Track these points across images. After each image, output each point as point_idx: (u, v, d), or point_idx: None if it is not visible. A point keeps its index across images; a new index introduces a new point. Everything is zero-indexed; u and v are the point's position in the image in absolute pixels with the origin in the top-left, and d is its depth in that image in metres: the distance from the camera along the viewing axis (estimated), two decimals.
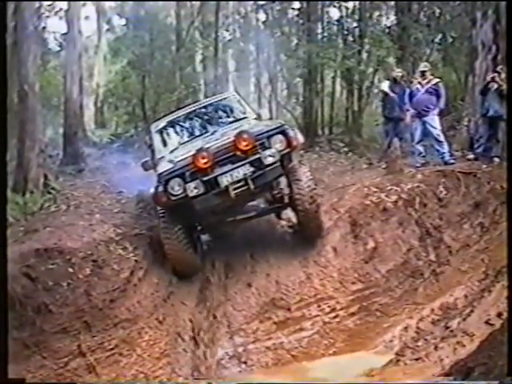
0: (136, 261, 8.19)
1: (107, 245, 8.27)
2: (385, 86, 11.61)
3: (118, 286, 7.80)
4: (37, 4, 15.25)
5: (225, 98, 9.63)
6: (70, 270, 7.72)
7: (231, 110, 9.36)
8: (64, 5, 18.99)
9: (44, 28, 22.65)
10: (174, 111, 10.15)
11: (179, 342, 7.42)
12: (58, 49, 22.99)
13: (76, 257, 7.88)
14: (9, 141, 13.97)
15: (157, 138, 9.00)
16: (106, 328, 7.34)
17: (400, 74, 11.61)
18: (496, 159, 9.95)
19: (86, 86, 22.43)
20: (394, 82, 11.42)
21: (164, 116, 10.03)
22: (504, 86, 9.93)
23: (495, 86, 10.05)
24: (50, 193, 10.88)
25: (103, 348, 7.14)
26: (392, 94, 11.36)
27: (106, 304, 7.54)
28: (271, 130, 7.58)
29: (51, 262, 7.74)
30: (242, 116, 9.03)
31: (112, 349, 7.16)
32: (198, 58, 22.34)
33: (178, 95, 19.22)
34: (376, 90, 13.44)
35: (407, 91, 10.81)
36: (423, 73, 10.65)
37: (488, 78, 10.29)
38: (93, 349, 7.09)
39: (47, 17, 22.39)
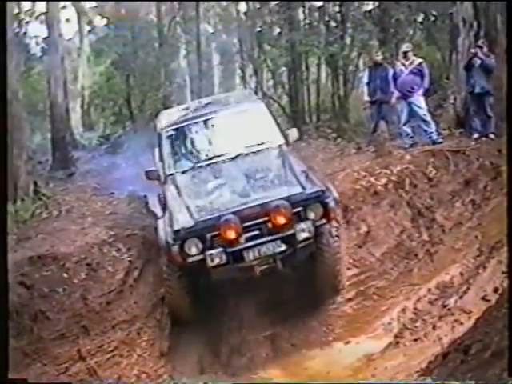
0: (130, 261, 8.19)
1: (100, 247, 8.27)
2: (364, 75, 11.57)
3: (113, 287, 7.80)
4: (16, 9, 15.14)
5: (250, 109, 8.24)
6: (65, 275, 7.73)
7: (257, 129, 8.02)
8: (43, 8, 18.83)
9: (25, 33, 22.51)
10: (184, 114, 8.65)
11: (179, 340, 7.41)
12: (41, 54, 22.81)
13: (70, 262, 7.89)
14: None
15: (167, 147, 7.90)
16: (104, 331, 7.34)
17: (380, 57, 11.56)
18: (491, 135, 9.95)
19: (71, 90, 22.29)
20: (375, 65, 11.37)
21: (170, 110, 9.83)
22: (487, 61, 9.94)
23: (478, 61, 10.04)
24: (40, 199, 10.85)
25: (103, 351, 7.13)
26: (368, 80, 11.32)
27: (103, 307, 7.55)
28: (310, 197, 6.43)
29: (45, 268, 7.75)
30: (269, 140, 7.75)
31: (112, 351, 7.15)
32: (182, 53, 22.31)
33: (163, 92, 19.17)
34: (361, 75, 13.41)
35: (390, 73, 10.79)
36: (405, 54, 10.62)
37: (470, 54, 10.27)
38: (93, 352, 7.09)
39: (27, 22, 22.25)
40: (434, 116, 10.88)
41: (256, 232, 6.30)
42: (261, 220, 6.27)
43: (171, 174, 7.51)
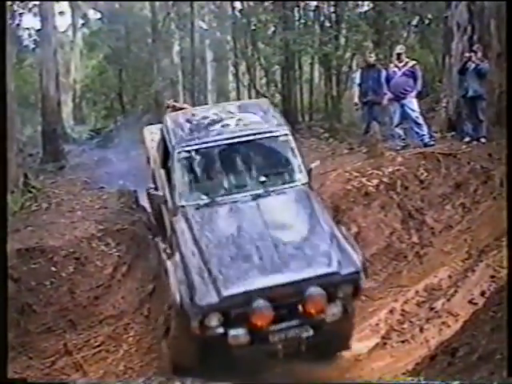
0: (119, 256, 8.16)
1: (89, 241, 8.24)
2: (356, 76, 11.56)
3: (101, 282, 7.78)
4: (9, 2, 15.02)
5: (277, 137, 7.05)
6: (53, 268, 7.69)
7: (279, 161, 7.07)
8: (37, 0, 18.74)
9: (18, 25, 22.36)
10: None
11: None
12: (33, 46, 22.68)
13: (58, 255, 7.85)
14: None
15: (179, 172, 6.72)
16: (91, 325, 7.32)
17: (373, 58, 11.56)
18: (483, 139, 10.00)
19: (63, 83, 22.16)
20: (368, 66, 11.38)
21: (180, 117, 7.58)
22: (481, 65, 9.98)
23: (473, 65, 10.08)
24: (30, 192, 10.78)
25: (89, 345, 7.11)
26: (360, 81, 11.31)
27: (91, 301, 7.53)
28: (345, 279, 5.79)
29: (33, 261, 7.71)
30: (294, 178, 6.87)
31: (98, 346, 7.13)
32: (175, 49, 22.24)
33: (155, 88, 19.13)
34: (354, 75, 13.44)
35: (383, 74, 10.79)
36: (399, 55, 10.63)
37: (465, 58, 10.31)
38: (79, 347, 7.07)
39: (21, 14, 22.08)
40: (426, 119, 10.89)
41: (284, 311, 5.67)
42: (291, 301, 5.65)
43: (183, 206, 6.48)
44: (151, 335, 7.33)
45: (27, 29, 23.10)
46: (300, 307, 5.59)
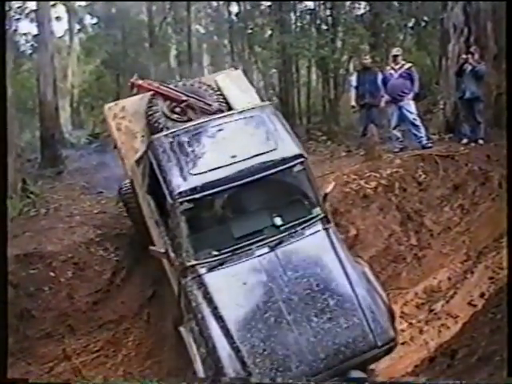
0: (118, 261, 8.14)
1: (88, 246, 8.22)
2: (353, 79, 11.55)
3: (100, 287, 7.76)
4: (6, 7, 15.03)
5: (292, 167, 6.05)
6: (52, 274, 7.68)
7: (295, 197, 6.29)
8: (34, 5, 18.74)
9: (15, 31, 22.37)
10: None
11: (166, 341, 7.38)
12: (30, 51, 22.71)
13: (57, 260, 7.84)
14: None
15: (184, 227, 5.75)
16: (90, 330, 7.33)
17: (369, 61, 11.56)
18: (480, 141, 10.02)
19: (61, 88, 22.18)
20: (364, 68, 11.38)
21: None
22: (478, 67, 10.00)
23: (470, 67, 10.09)
24: (28, 197, 10.76)
25: (88, 351, 7.12)
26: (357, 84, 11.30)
27: (90, 306, 7.52)
28: (381, 351, 5.39)
29: (32, 267, 7.70)
30: (313, 214, 6.07)
31: (98, 351, 7.15)
32: (172, 53, 22.27)
33: None
34: (350, 78, 13.46)
35: (379, 77, 10.79)
36: (395, 57, 10.63)
37: (462, 60, 10.33)
38: (78, 352, 7.09)
39: (17, 19, 22.10)
40: (423, 121, 10.91)
41: None
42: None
43: (192, 266, 5.65)
44: (151, 340, 7.33)
45: (24, 34, 23.14)
46: None
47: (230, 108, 7.72)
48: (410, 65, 10.61)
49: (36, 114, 18.20)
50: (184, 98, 7.83)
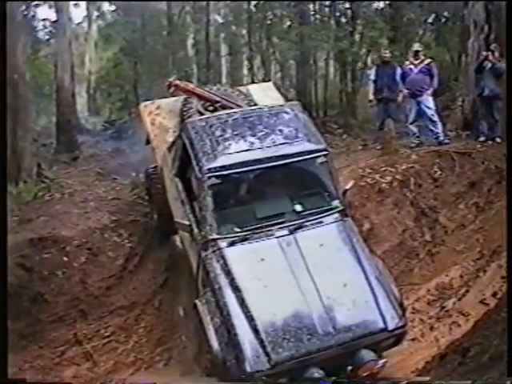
0: (131, 247, 8.19)
1: (102, 232, 8.28)
2: (371, 73, 11.47)
3: (113, 273, 7.82)
4: None
5: (315, 158, 6.38)
6: (65, 258, 7.74)
7: (316, 186, 6.50)
8: None
9: (33, 16, 22.43)
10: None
11: (177, 328, 7.42)
12: (48, 37, 22.74)
13: (71, 245, 7.89)
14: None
15: (209, 201, 5.96)
16: (102, 315, 7.38)
17: (388, 55, 11.47)
18: (498, 139, 9.94)
19: (78, 74, 22.28)
20: (383, 62, 11.30)
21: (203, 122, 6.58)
22: (498, 65, 9.90)
23: (489, 64, 10.00)
24: (43, 182, 10.82)
25: (100, 336, 7.17)
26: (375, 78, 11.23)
27: (102, 291, 7.58)
28: (392, 335, 5.56)
29: (46, 251, 7.75)
30: (332, 206, 6.30)
31: (109, 336, 7.19)
32: (190, 42, 22.24)
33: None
34: (369, 72, 13.37)
35: (398, 71, 10.73)
36: (416, 53, 10.57)
37: (482, 57, 10.24)
38: (89, 337, 7.14)
39: (36, 5, 22.15)
40: (441, 117, 10.83)
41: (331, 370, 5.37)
42: (339, 361, 5.38)
43: (214, 240, 5.87)
44: (162, 327, 7.37)
45: (43, 20, 23.17)
46: (349, 368, 5.34)
47: None
48: (429, 60, 10.55)
49: (53, 99, 18.30)
50: (218, 99, 8.26)
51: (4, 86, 4.25)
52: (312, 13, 17.47)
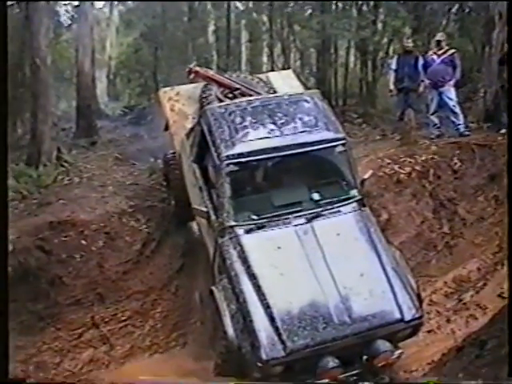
0: (148, 233, 8.23)
1: (120, 217, 8.33)
2: (393, 62, 11.35)
3: (130, 257, 7.87)
4: None
5: (334, 147, 6.38)
6: (83, 242, 7.80)
7: (334, 175, 6.50)
8: None
9: (56, 0, 22.47)
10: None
11: (193, 314, 7.45)
12: (70, 22, 22.80)
13: (89, 229, 7.95)
14: (22, 114, 14.11)
15: (227, 188, 5.98)
16: (119, 299, 7.44)
17: (411, 45, 11.34)
18: None
19: (98, 59, 22.29)
20: (405, 52, 11.19)
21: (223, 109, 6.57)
22: None
23: None
24: (63, 166, 10.91)
25: (116, 319, 7.24)
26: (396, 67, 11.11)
27: (119, 276, 7.63)
28: (408, 326, 5.57)
29: (64, 234, 7.82)
30: (350, 195, 6.28)
31: (125, 320, 7.26)
32: (211, 28, 22.17)
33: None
34: (390, 61, 13.24)
35: (420, 61, 10.61)
36: (439, 43, 10.46)
37: (505, 49, 10.11)
38: (106, 320, 7.21)
39: None
40: (462, 108, 10.70)
41: (346, 359, 5.39)
42: (355, 350, 5.41)
43: (231, 227, 5.89)
44: (178, 312, 7.42)
45: (64, 5, 23.22)
46: (364, 357, 5.36)
47: None
48: (453, 51, 10.42)
49: (73, 83, 18.36)
50: (237, 86, 8.28)
51: (5, 86, 4.29)
52: (334, 1, 17.30)
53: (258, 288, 5.46)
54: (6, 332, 4.33)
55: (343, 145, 6.37)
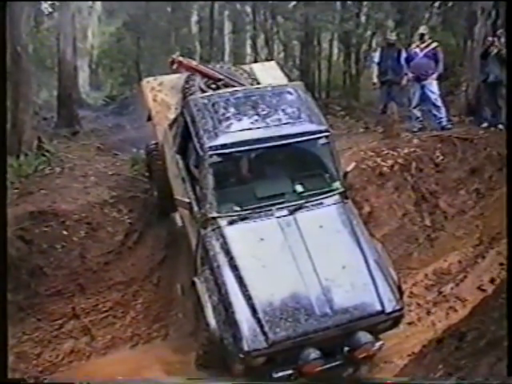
0: (130, 223, 8.19)
1: (102, 207, 8.27)
2: (376, 55, 11.38)
3: (112, 248, 7.82)
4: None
5: (317, 139, 6.38)
6: (65, 232, 7.73)
7: (317, 167, 6.53)
8: None
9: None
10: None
11: (174, 305, 7.44)
12: (51, 10, 22.53)
13: (70, 219, 7.88)
14: None
15: (210, 179, 5.98)
16: (100, 290, 7.40)
17: (394, 38, 11.38)
18: (501, 126, 9.90)
19: (80, 48, 22.07)
20: (388, 45, 11.22)
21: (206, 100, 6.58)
22: (504, 51, 9.83)
23: (495, 50, 9.93)
24: (44, 155, 10.77)
25: (98, 310, 7.21)
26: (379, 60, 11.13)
27: (101, 266, 7.59)
28: (388, 318, 5.61)
29: (45, 224, 7.74)
30: (333, 188, 6.32)
31: (106, 311, 7.23)
32: (194, 19, 22.05)
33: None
34: (373, 54, 13.27)
35: (403, 55, 10.66)
36: (422, 36, 10.52)
37: (487, 43, 10.17)
38: (87, 311, 7.17)
39: None
40: (444, 102, 10.77)
41: (328, 351, 5.44)
42: (336, 342, 5.46)
43: (214, 218, 5.90)
44: (159, 303, 7.41)
45: None
46: (346, 349, 5.42)
47: None
48: (435, 44, 10.49)
49: (54, 73, 18.14)
50: (220, 76, 8.21)
51: (4, 85, 4.22)
52: None
53: (240, 279, 5.48)
54: (4, 333, 4.30)
55: (326, 137, 6.38)
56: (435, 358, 4.33)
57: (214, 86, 8.15)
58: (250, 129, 6.24)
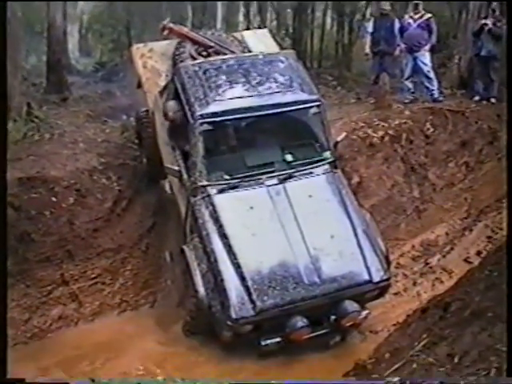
0: (120, 190, 8.15)
1: (91, 174, 8.21)
2: (369, 25, 11.26)
3: (101, 215, 7.78)
4: None
5: (309, 108, 6.42)
6: (53, 198, 7.68)
7: (308, 137, 6.53)
8: None
9: None
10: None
11: (162, 272, 7.47)
12: None
13: (59, 186, 7.82)
14: None
15: (200, 147, 6.00)
16: (88, 257, 7.38)
17: (388, 8, 11.26)
18: (492, 100, 9.90)
19: (70, 14, 21.73)
20: (382, 15, 11.10)
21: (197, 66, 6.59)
22: (498, 24, 9.77)
23: (489, 24, 9.87)
24: (33, 121, 10.67)
25: (86, 277, 7.20)
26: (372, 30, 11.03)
27: (89, 233, 7.56)
28: (376, 287, 5.73)
29: (34, 190, 7.68)
30: (323, 157, 6.35)
31: (95, 278, 7.23)
32: None
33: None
34: (366, 24, 13.13)
35: (396, 25, 10.55)
36: (417, 6, 10.43)
37: (481, 17, 10.13)
38: (76, 277, 7.17)
39: None
40: (437, 74, 10.73)
41: (315, 319, 5.53)
42: (323, 310, 5.54)
43: (203, 186, 5.93)
44: (148, 270, 7.44)
45: None
46: (332, 317, 5.50)
47: None
48: (429, 15, 10.41)
49: (44, 38, 17.88)
50: (211, 44, 8.18)
51: (4, 85, 4.15)
52: None
53: (229, 248, 5.52)
54: (4, 331, 4.29)
55: (317, 106, 6.39)
56: (419, 327, 4.38)
57: (204, 53, 8.10)
58: (241, 97, 6.22)
